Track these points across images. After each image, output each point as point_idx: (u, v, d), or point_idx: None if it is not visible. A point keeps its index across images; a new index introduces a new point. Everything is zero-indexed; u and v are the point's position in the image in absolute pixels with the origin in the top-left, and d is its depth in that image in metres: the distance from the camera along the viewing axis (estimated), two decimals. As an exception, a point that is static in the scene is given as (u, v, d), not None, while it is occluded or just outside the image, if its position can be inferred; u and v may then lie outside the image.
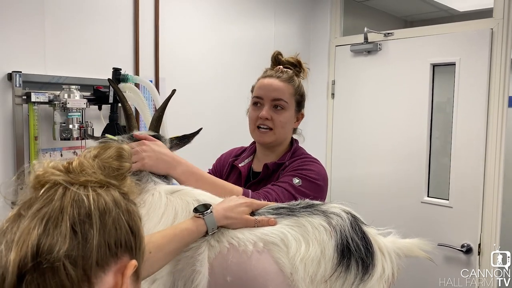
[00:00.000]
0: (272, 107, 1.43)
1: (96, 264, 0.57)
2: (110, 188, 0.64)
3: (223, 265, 0.96)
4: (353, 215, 1.03)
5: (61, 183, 0.60)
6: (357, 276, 0.94)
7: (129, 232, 0.62)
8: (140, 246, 0.65)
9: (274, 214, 1.04)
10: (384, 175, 2.63)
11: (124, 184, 0.67)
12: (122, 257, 0.60)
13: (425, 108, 2.45)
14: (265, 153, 1.52)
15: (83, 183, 0.61)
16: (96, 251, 0.56)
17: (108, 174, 0.65)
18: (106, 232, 0.58)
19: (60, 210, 0.57)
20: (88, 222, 0.57)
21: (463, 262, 2.30)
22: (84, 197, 0.59)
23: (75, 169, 0.63)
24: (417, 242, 1.04)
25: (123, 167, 0.68)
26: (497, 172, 2.22)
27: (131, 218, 0.63)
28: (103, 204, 0.60)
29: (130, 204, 0.65)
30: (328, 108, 2.88)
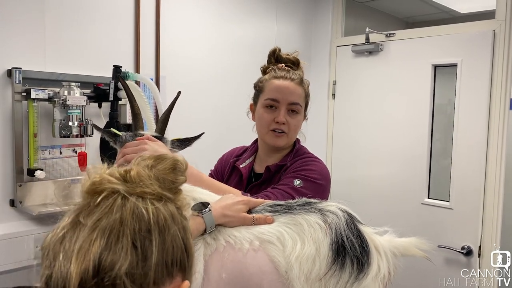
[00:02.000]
0: (287, 110, 1.42)
1: (154, 283, 0.55)
2: (167, 202, 0.62)
3: (219, 262, 0.95)
4: (349, 214, 1.02)
5: (119, 192, 0.59)
6: (352, 274, 0.93)
7: (183, 250, 0.61)
8: (192, 266, 0.64)
9: (271, 211, 1.04)
10: (384, 176, 2.62)
11: (178, 198, 0.65)
12: (176, 276, 0.59)
13: (426, 109, 2.45)
14: (269, 154, 1.50)
15: (141, 194, 0.60)
16: (154, 270, 0.55)
17: (164, 187, 0.63)
18: (165, 250, 0.57)
19: (121, 222, 0.56)
20: (148, 238, 0.56)
21: (463, 264, 2.28)
22: (144, 210, 0.57)
23: (133, 179, 0.61)
24: (414, 241, 1.03)
25: (178, 181, 0.66)
26: (498, 174, 2.21)
27: (186, 236, 0.62)
28: (162, 219, 0.58)
29: (183, 220, 0.64)
30: (329, 109, 2.88)
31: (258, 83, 1.49)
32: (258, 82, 1.49)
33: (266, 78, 1.45)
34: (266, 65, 1.51)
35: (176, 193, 0.65)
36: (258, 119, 1.48)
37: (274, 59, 1.50)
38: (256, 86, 1.50)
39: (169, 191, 0.63)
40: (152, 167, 0.64)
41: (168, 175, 0.64)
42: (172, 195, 0.64)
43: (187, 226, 0.64)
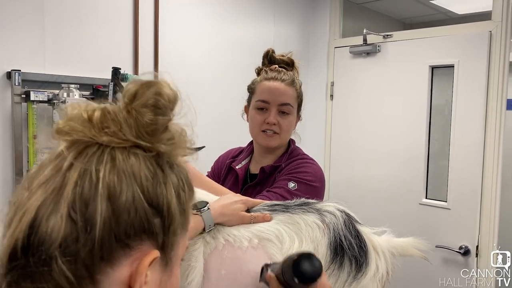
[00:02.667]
0: (278, 111, 1.43)
1: (101, 259, 0.47)
2: (137, 152, 0.51)
3: (218, 260, 0.96)
4: (347, 214, 1.03)
5: (79, 142, 0.50)
6: (350, 274, 0.94)
7: (150, 213, 0.50)
8: (170, 227, 0.52)
9: (269, 210, 1.05)
10: (383, 177, 2.63)
11: (160, 140, 0.53)
12: (139, 245, 0.49)
13: (423, 110, 2.46)
14: (263, 155, 1.51)
15: (103, 144, 0.50)
16: (99, 245, 0.46)
17: (138, 131, 0.52)
18: (114, 219, 0.47)
19: (62, 186, 0.47)
20: (92, 206, 0.46)
21: (461, 264, 2.30)
22: (93, 170, 0.48)
23: (96, 123, 0.51)
24: (411, 241, 1.04)
25: (155, 123, 0.52)
26: (495, 174, 2.22)
27: (158, 192, 0.51)
28: (114, 181, 0.48)
29: (165, 170, 0.53)
30: (327, 110, 2.89)
31: (251, 85, 1.50)
32: (251, 84, 1.50)
33: (258, 80, 1.47)
34: (260, 66, 1.52)
35: (159, 135, 0.53)
36: (250, 120, 1.49)
37: (268, 60, 1.50)
38: (249, 88, 1.51)
39: (146, 136, 0.52)
40: (130, 103, 0.53)
41: (144, 115, 0.52)
42: (150, 141, 0.52)
43: (167, 177, 0.53)
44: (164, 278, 0.54)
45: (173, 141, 0.55)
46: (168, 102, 0.54)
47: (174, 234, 0.54)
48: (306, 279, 0.75)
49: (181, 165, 0.57)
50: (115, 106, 0.53)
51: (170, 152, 0.54)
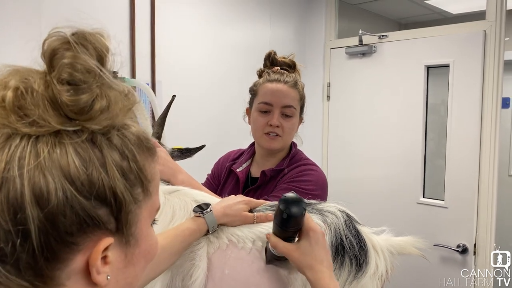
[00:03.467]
0: (281, 114, 1.42)
1: (46, 260, 0.44)
2: (64, 139, 0.45)
3: (222, 259, 0.97)
4: (347, 214, 1.04)
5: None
6: (351, 273, 0.95)
7: (90, 207, 0.45)
8: (121, 210, 0.48)
9: (271, 211, 1.06)
10: (380, 176, 2.65)
11: (90, 118, 0.46)
12: (86, 239, 0.46)
13: (419, 110, 2.48)
14: (265, 158, 1.50)
15: (24, 135, 0.44)
16: (40, 249, 0.43)
17: (62, 110, 0.45)
18: (49, 224, 0.43)
19: None
20: (21, 214, 0.42)
21: (459, 262, 2.31)
22: (16, 173, 0.42)
23: (10, 108, 0.45)
24: (410, 240, 1.05)
25: (77, 103, 0.45)
26: (492, 172, 2.24)
27: (95, 181, 0.45)
28: (40, 182, 0.43)
29: (103, 149, 0.47)
30: (324, 111, 2.90)
31: (253, 87, 1.49)
32: (253, 86, 1.49)
33: (260, 82, 1.46)
34: (262, 68, 1.51)
35: (83, 114, 0.46)
36: (252, 122, 1.48)
37: (269, 62, 1.49)
38: (251, 90, 1.50)
39: (71, 116, 0.46)
40: (45, 75, 0.47)
41: (62, 94, 0.45)
42: (76, 124, 0.46)
43: (108, 156, 0.47)
44: (130, 251, 0.52)
45: (107, 113, 0.48)
46: (87, 72, 0.47)
47: (130, 211, 0.49)
48: (291, 216, 0.85)
49: (124, 128, 0.50)
50: (33, 77, 0.46)
51: (106, 125, 0.48)
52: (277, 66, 1.48)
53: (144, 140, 0.52)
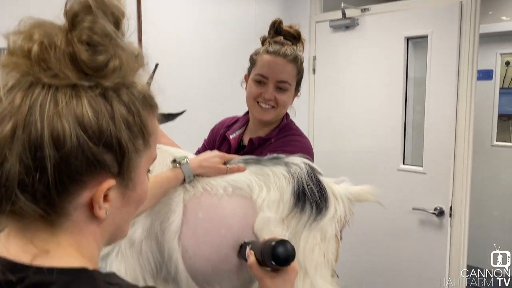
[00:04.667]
0: (275, 87, 1.43)
1: (58, 193, 0.52)
2: (80, 92, 0.52)
3: (196, 205, 1.08)
4: (310, 166, 1.15)
5: (24, 78, 0.52)
6: (311, 216, 1.07)
7: (98, 153, 0.53)
8: (124, 157, 0.56)
9: (243, 163, 1.16)
10: (363, 147, 2.75)
11: (104, 76, 0.54)
12: (92, 179, 0.54)
13: (400, 81, 2.56)
14: (258, 127, 1.52)
15: (45, 84, 0.51)
16: (54, 183, 0.51)
17: (80, 67, 0.53)
18: (63, 163, 0.51)
19: (12, 129, 0.50)
20: (40, 152, 0.50)
21: (436, 225, 2.44)
22: (38, 117, 0.50)
23: (35, 60, 0.52)
24: (367, 188, 1.16)
25: (94, 62, 0.53)
26: (467, 140, 2.34)
27: (104, 130, 0.53)
28: (58, 127, 0.50)
29: (113, 103, 0.54)
30: (309, 84, 2.98)
31: (253, 55, 1.49)
32: (253, 55, 1.49)
33: (260, 52, 1.45)
34: (265, 36, 1.49)
35: (98, 72, 0.53)
36: (247, 90, 1.50)
37: (274, 31, 1.46)
38: (250, 58, 1.50)
39: (88, 73, 0.53)
40: (67, 32, 0.53)
41: (81, 52, 0.52)
42: (91, 80, 0.53)
43: (117, 111, 0.54)
44: (128, 193, 0.60)
45: (119, 72, 0.55)
46: (105, 36, 0.54)
47: (131, 159, 0.57)
48: (281, 262, 0.88)
49: (133, 86, 0.57)
50: (55, 33, 0.53)
51: (117, 83, 0.55)
52: (282, 35, 1.45)
53: (148, 98, 0.60)
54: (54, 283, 0.52)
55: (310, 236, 1.05)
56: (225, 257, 1.04)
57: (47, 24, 0.55)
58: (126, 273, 1.11)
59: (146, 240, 1.08)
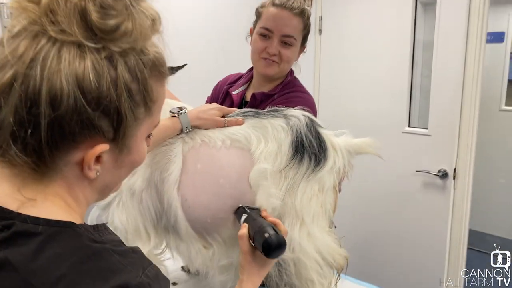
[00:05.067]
0: (280, 42, 1.40)
1: (49, 149, 0.52)
2: (85, 53, 0.51)
3: (195, 156, 1.09)
4: (310, 118, 1.14)
5: (31, 26, 0.50)
6: (309, 168, 1.07)
7: (94, 117, 0.52)
8: (121, 124, 0.55)
9: (241, 116, 1.16)
10: (368, 109, 2.73)
11: (113, 39, 0.52)
12: (86, 140, 0.54)
13: (407, 43, 2.50)
14: (261, 83, 1.51)
15: (51, 38, 0.50)
16: (45, 140, 0.51)
17: (89, 27, 0.51)
18: (57, 123, 0.50)
19: (12, 77, 0.49)
20: (35, 108, 0.49)
21: (439, 187, 2.44)
22: (38, 70, 0.49)
23: (45, 10, 0.50)
24: (367, 140, 1.16)
25: (104, 25, 0.51)
26: (473, 104, 2.30)
27: (104, 96, 0.51)
28: (56, 85, 0.49)
29: (118, 67, 0.52)
30: (315, 45, 2.93)
31: (259, 8, 1.46)
32: (259, 7, 1.46)
33: (266, 4, 1.42)
34: None
35: (108, 35, 0.51)
36: (252, 44, 1.47)
37: None
38: (256, 11, 1.47)
39: (96, 34, 0.51)
40: None
41: (91, 13, 0.50)
42: (99, 42, 0.51)
43: (120, 78, 0.53)
44: (121, 157, 0.59)
45: (129, 37, 0.53)
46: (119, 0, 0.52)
47: (128, 126, 0.56)
48: (268, 255, 0.89)
49: (143, 52, 0.55)
50: None
51: (125, 48, 0.53)
52: None
53: (159, 65, 0.58)
54: (39, 234, 0.52)
55: (308, 187, 1.06)
56: (223, 206, 1.06)
57: None
58: (128, 222, 1.14)
59: (146, 190, 1.09)
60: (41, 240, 0.52)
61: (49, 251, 0.51)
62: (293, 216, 1.05)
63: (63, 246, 0.52)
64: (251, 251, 0.94)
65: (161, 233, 1.16)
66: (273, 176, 1.05)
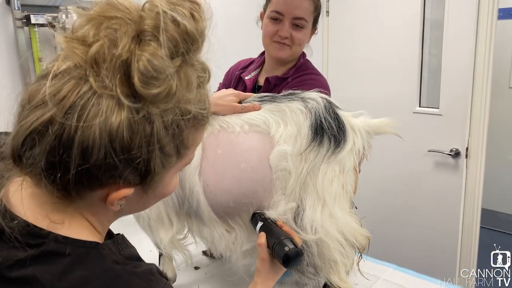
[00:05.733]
0: (291, 24, 1.41)
1: (76, 189, 0.53)
2: (123, 110, 0.50)
3: (214, 142, 1.09)
4: (328, 100, 1.14)
5: (75, 69, 0.51)
6: (329, 149, 1.07)
7: (123, 168, 0.53)
8: (148, 177, 0.56)
9: (258, 101, 1.15)
10: (378, 90, 2.71)
11: (154, 102, 0.52)
12: (112, 184, 0.55)
13: (417, 23, 2.48)
14: (274, 67, 1.51)
15: (92, 87, 0.50)
16: (73, 181, 0.52)
17: (130, 88, 0.51)
18: (85, 170, 0.51)
19: (49, 121, 0.50)
20: (67, 154, 0.50)
21: (451, 166, 2.44)
22: (74, 120, 0.49)
23: (91, 58, 0.51)
24: (385, 120, 1.16)
25: (146, 92, 0.51)
26: (485, 81, 2.28)
27: (135, 152, 0.52)
28: (89, 138, 0.50)
29: (154, 125, 0.52)
30: (323, 27, 2.91)
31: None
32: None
33: None
34: None
35: (147, 99, 0.51)
36: (263, 29, 1.47)
37: None
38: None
39: (137, 96, 0.51)
40: (130, 46, 0.51)
41: (134, 76, 0.50)
42: (138, 103, 0.51)
43: (158, 132, 0.53)
44: (147, 195, 0.60)
45: (171, 101, 0.53)
46: (162, 71, 0.51)
47: (156, 175, 0.56)
48: (288, 266, 0.95)
49: (183, 111, 0.55)
50: (121, 37, 0.51)
51: (165, 109, 0.53)
52: None
53: (200, 119, 0.58)
54: (67, 255, 0.54)
55: (329, 169, 1.06)
56: (245, 190, 1.06)
57: (121, 14, 0.52)
58: (150, 209, 1.15)
59: (167, 176, 1.10)
60: (69, 261, 0.54)
61: (76, 272, 0.53)
62: (314, 198, 1.05)
63: (89, 268, 0.54)
64: (269, 259, 0.99)
65: (183, 219, 1.17)
66: (293, 158, 1.05)
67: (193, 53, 0.55)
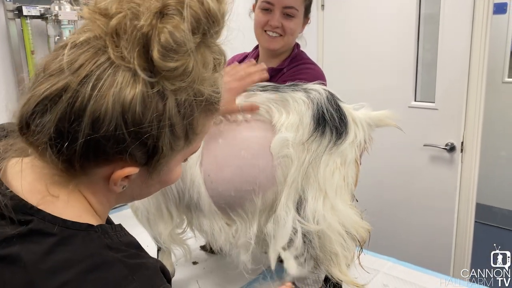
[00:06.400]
0: (282, 14, 1.41)
1: (80, 162, 0.52)
2: (139, 83, 0.50)
3: (216, 131, 1.07)
4: (330, 92, 1.13)
5: (94, 40, 0.51)
6: (331, 141, 1.06)
7: (132, 145, 0.52)
8: (155, 156, 0.55)
9: (261, 90, 1.14)
10: (374, 84, 2.71)
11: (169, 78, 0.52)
12: (118, 160, 0.54)
13: (413, 17, 2.47)
14: (268, 59, 1.51)
15: (110, 58, 0.50)
16: (79, 154, 0.51)
17: (148, 60, 0.51)
18: (94, 142, 0.51)
19: (63, 88, 0.50)
20: (76, 123, 0.50)
21: (447, 160, 2.44)
22: (89, 88, 0.49)
23: (111, 31, 0.51)
24: (386, 113, 1.15)
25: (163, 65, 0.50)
26: (480, 76, 2.28)
27: (145, 128, 0.51)
28: (102, 108, 0.49)
29: (167, 102, 0.52)
30: (318, 21, 2.89)
31: None
32: None
33: None
34: None
35: (164, 73, 0.51)
36: (255, 19, 1.47)
37: None
38: None
39: (154, 69, 0.51)
40: (152, 20, 0.50)
41: (153, 50, 0.50)
42: (154, 77, 0.51)
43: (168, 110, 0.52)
44: (151, 179, 0.58)
45: (187, 79, 0.53)
46: (183, 44, 0.50)
47: (163, 157, 0.55)
48: None
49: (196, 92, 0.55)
50: (144, 12, 0.50)
51: (179, 87, 0.53)
52: None
53: (212, 103, 0.58)
54: (54, 235, 0.52)
55: (331, 160, 1.05)
56: (247, 177, 1.05)
57: None
58: (149, 202, 1.13)
59: (167, 169, 1.08)
60: (54, 241, 0.52)
61: (60, 254, 0.51)
62: (316, 189, 1.04)
63: (74, 251, 0.52)
64: None
65: (182, 212, 1.15)
66: (295, 147, 1.04)
67: (213, 35, 0.55)
